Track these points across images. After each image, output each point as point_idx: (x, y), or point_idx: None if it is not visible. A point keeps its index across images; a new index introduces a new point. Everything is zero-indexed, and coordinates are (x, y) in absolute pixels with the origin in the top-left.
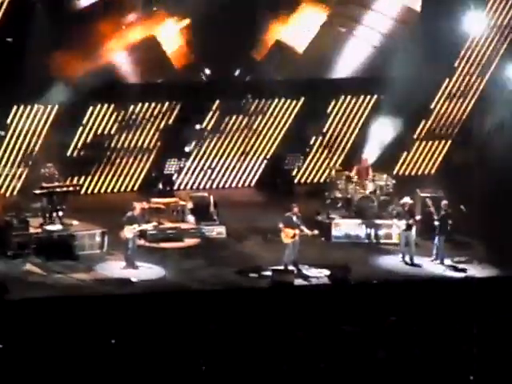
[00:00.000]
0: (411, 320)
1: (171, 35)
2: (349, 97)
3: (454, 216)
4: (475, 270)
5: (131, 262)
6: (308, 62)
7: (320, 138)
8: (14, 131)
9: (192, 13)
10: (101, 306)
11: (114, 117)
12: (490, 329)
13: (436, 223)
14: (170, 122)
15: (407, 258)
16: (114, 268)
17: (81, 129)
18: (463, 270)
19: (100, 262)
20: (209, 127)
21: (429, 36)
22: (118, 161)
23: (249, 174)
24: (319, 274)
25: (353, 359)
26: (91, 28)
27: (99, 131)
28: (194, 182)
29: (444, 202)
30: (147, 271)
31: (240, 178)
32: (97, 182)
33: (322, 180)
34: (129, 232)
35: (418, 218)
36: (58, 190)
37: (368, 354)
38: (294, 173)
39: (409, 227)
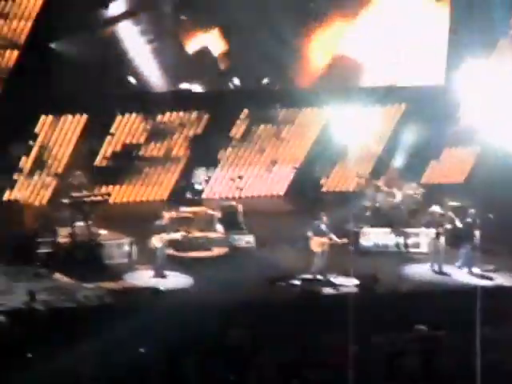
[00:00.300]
0: (440, 329)
1: (199, 44)
2: (377, 105)
3: (483, 225)
4: (503, 279)
5: (160, 271)
6: (337, 70)
7: (349, 146)
8: (43, 141)
9: (220, 22)
10: (129, 316)
11: (142, 126)
12: None
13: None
14: (199, 130)
15: (436, 267)
16: (143, 277)
17: (109, 138)
18: (491, 279)
19: (128, 271)
20: (237, 136)
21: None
22: (146, 170)
23: (277, 183)
24: (347, 283)
25: (381, 369)
26: (119, 37)
27: (127, 140)
28: (222, 191)
29: (470, 211)
30: (175, 280)
31: (269, 187)
32: (125, 191)
33: (350, 189)
34: (157, 241)
35: (448, 227)
36: (86, 199)
37: (396, 363)
38: (323, 181)
39: (438, 236)
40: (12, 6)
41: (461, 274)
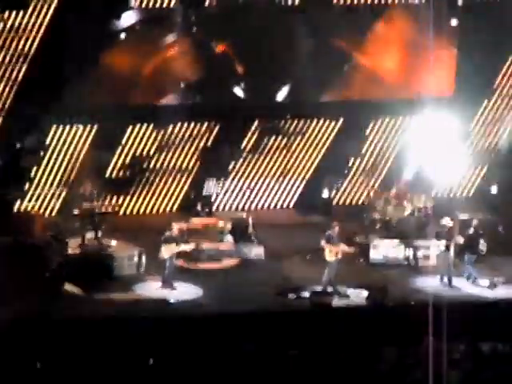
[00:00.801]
0: (447, 341)
1: (210, 55)
2: (387, 118)
3: (492, 237)
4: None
5: (169, 283)
6: (348, 83)
7: (359, 159)
8: (54, 151)
9: (231, 34)
10: (140, 327)
11: (153, 137)
12: None
13: (463, 243)
14: (209, 142)
15: (445, 279)
16: (152, 288)
17: (120, 149)
18: (498, 290)
19: (138, 282)
20: (248, 148)
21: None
22: (157, 181)
23: (288, 195)
24: (357, 295)
25: (389, 381)
26: (130, 48)
27: (138, 151)
28: (232, 203)
29: (474, 222)
30: (185, 291)
31: (279, 199)
32: (136, 203)
33: (360, 202)
34: (166, 252)
35: (460, 239)
36: (96, 210)
37: (405, 375)
38: (333, 194)
39: (447, 248)
40: (22, 18)
41: (469, 286)
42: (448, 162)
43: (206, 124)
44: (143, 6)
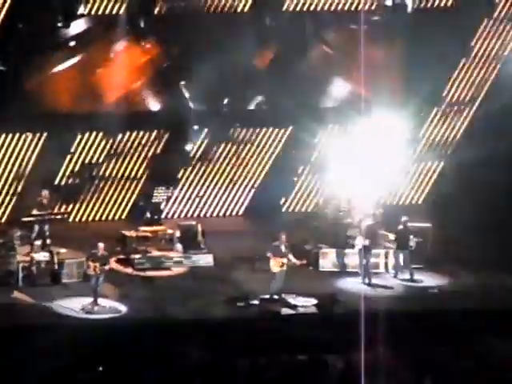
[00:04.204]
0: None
1: (160, 64)
2: (335, 126)
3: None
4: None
5: (95, 299)
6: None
7: (308, 166)
8: (2, 159)
9: (180, 41)
10: (92, 334)
11: (102, 145)
12: None
13: (392, 238)
14: (158, 150)
15: (366, 280)
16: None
17: (69, 157)
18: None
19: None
20: (197, 156)
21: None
22: (106, 189)
23: (237, 203)
24: (306, 303)
25: None
26: (80, 56)
27: (87, 159)
28: (181, 211)
29: (403, 218)
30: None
31: (228, 207)
32: (85, 210)
33: (309, 209)
34: (90, 269)
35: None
36: (46, 217)
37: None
38: (282, 201)
39: (367, 248)
40: None
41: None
42: (396, 169)
43: (154, 132)
44: (92, 13)
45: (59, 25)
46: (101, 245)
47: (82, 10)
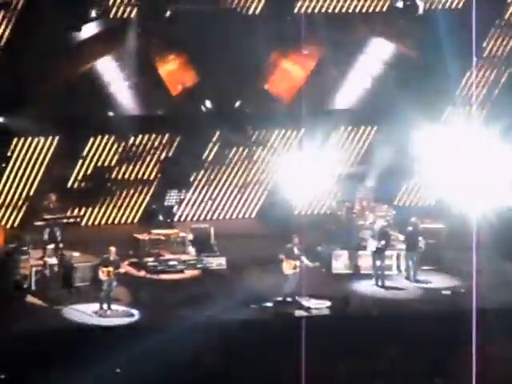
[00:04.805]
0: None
1: (172, 67)
2: (350, 128)
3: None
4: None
5: (106, 304)
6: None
7: (321, 168)
8: (15, 163)
9: (192, 45)
10: (104, 338)
11: (114, 148)
12: None
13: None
14: (171, 153)
15: (379, 282)
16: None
17: (81, 161)
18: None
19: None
20: (209, 158)
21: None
22: (118, 192)
23: (249, 205)
24: (319, 305)
25: None
26: (91, 60)
27: (100, 163)
28: (194, 214)
29: (412, 220)
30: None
31: (241, 209)
32: (97, 214)
33: (322, 211)
34: (103, 274)
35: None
36: (58, 221)
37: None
38: (295, 203)
39: (379, 250)
40: None
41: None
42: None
43: (167, 135)
44: (104, 17)
45: (71, 28)
46: (112, 249)
47: (94, 13)
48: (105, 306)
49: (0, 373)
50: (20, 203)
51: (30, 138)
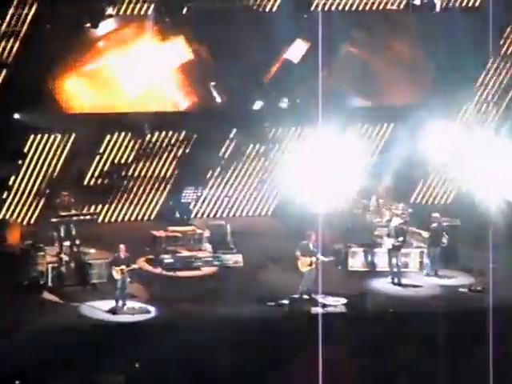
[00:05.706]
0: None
1: (190, 65)
2: (366, 124)
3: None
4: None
5: (121, 301)
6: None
7: (337, 166)
8: (31, 160)
9: (210, 40)
10: (118, 334)
11: (131, 145)
12: None
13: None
14: (188, 150)
15: (396, 279)
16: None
17: (98, 157)
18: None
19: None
20: (226, 156)
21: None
22: (135, 189)
23: (266, 202)
24: (336, 303)
25: None
26: (108, 56)
27: (116, 160)
28: (211, 211)
29: (434, 215)
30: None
31: (257, 206)
32: (114, 211)
33: (339, 209)
34: (116, 273)
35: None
36: (75, 218)
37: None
38: (311, 201)
39: (396, 248)
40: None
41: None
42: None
43: (183, 132)
44: (121, 13)
45: (87, 25)
46: (122, 246)
47: (110, 10)
48: (120, 304)
49: (16, 375)
50: (36, 200)
51: (46, 135)
